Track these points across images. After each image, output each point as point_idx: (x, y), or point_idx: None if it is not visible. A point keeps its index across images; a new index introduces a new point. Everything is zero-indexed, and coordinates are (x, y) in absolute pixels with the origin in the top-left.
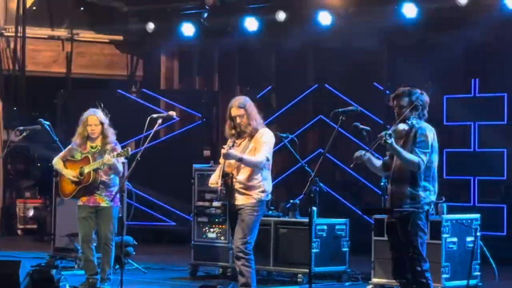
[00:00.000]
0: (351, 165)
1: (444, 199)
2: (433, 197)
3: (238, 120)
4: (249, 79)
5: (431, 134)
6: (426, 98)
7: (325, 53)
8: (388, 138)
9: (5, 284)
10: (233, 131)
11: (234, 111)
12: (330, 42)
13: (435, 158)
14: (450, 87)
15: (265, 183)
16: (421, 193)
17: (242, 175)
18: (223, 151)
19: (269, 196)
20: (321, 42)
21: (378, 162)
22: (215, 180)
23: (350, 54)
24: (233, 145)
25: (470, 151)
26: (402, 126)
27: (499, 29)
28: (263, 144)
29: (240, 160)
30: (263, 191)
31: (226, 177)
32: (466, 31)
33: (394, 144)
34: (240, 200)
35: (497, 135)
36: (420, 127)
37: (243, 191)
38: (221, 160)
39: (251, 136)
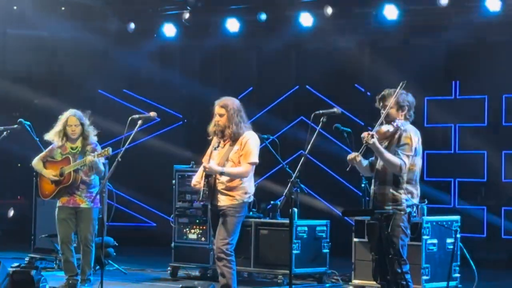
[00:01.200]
0: (347, 168)
1: (426, 201)
2: (415, 200)
3: (217, 118)
4: (230, 80)
5: (415, 137)
6: (411, 99)
7: (307, 54)
8: (370, 138)
9: None
10: (215, 128)
11: (216, 109)
12: (311, 43)
13: (419, 161)
14: (430, 89)
15: (247, 184)
16: (403, 195)
17: (224, 178)
18: (204, 164)
19: (252, 198)
20: (302, 44)
21: (365, 162)
22: (197, 180)
23: (331, 56)
24: (218, 146)
25: (451, 153)
26: (386, 128)
27: (480, 31)
28: (250, 151)
29: (222, 173)
30: (245, 193)
31: (209, 177)
32: (447, 33)
33: (377, 144)
34: (222, 201)
35: (478, 137)
36: (405, 129)
37: (226, 192)
38: (204, 160)
39: (233, 139)
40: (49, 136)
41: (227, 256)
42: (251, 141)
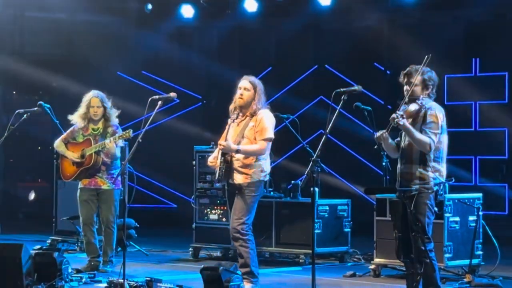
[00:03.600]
0: (375, 146)
1: (453, 179)
2: (442, 178)
3: (241, 91)
4: (249, 60)
5: (440, 114)
6: (435, 77)
7: (325, 33)
8: (401, 119)
9: (8, 267)
10: (235, 105)
11: (243, 83)
12: (330, 22)
13: (445, 138)
14: (450, 67)
15: (263, 162)
16: (431, 174)
17: (240, 155)
18: (220, 142)
19: (268, 177)
20: (321, 23)
21: (392, 143)
22: (213, 159)
23: (350, 35)
24: (233, 121)
25: (471, 131)
26: (413, 107)
27: (500, 7)
28: (266, 128)
29: (237, 152)
30: (261, 171)
31: (225, 155)
32: (466, 10)
33: (407, 124)
34: (238, 179)
35: (498, 114)
36: (430, 107)
37: (242, 169)
38: (221, 140)
39: (252, 115)
40: (74, 118)
41: (243, 236)
42: (266, 117)
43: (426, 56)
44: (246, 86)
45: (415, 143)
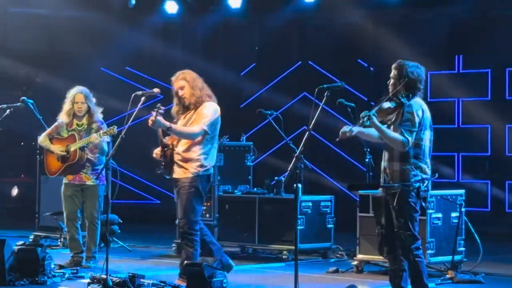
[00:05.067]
0: (337, 139)
1: (437, 175)
2: (425, 175)
3: (180, 93)
4: (233, 56)
5: (419, 111)
6: (421, 72)
7: (309, 30)
8: (366, 120)
9: None
10: (178, 108)
11: (176, 84)
12: (314, 19)
13: (426, 134)
14: (434, 63)
15: (204, 157)
16: (411, 170)
17: (181, 147)
18: (151, 118)
19: (210, 171)
20: (305, 19)
21: (372, 131)
22: (157, 152)
23: (334, 31)
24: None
25: (455, 127)
26: (387, 105)
27: (483, 4)
28: (203, 116)
29: (169, 129)
30: (201, 165)
31: (166, 148)
32: (449, 7)
33: (377, 123)
34: (177, 173)
35: (481, 111)
36: (408, 104)
37: (181, 163)
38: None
39: (196, 107)
40: (61, 116)
41: (188, 235)
42: (208, 108)
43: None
44: (179, 85)
45: (388, 141)
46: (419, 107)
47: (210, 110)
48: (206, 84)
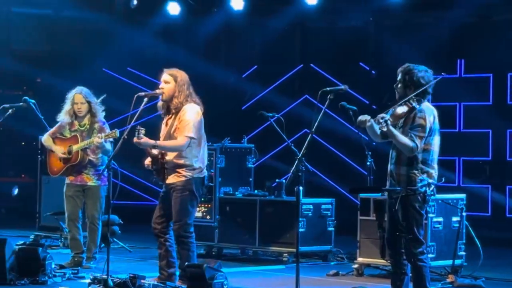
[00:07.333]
0: (355, 127)
1: (443, 179)
2: (432, 179)
3: (161, 85)
4: (235, 58)
5: (430, 117)
6: (430, 76)
7: (311, 33)
8: (384, 125)
9: None
10: (160, 103)
11: (164, 77)
12: (316, 22)
13: (436, 140)
14: (435, 68)
15: (195, 159)
16: (418, 175)
17: (169, 156)
18: (135, 139)
19: (204, 173)
20: (307, 22)
21: (378, 129)
22: (148, 161)
23: (336, 34)
24: (163, 120)
25: (456, 132)
26: (401, 109)
27: (485, 8)
28: (186, 124)
29: (154, 147)
30: (193, 169)
31: (155, 159)
32: (451, 11)
33: (391, 128)
34: (171, 178)
35: (483, 116)
36: (420, 109)
37: (174, 169)
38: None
39: (177, 112)
40: (61, 116)
41: (184, 239)
42: (189, 113)
43: (442, 74)
44: (166, 79)
45: (399, 146)
46: (431, 112)
47: (191, 114)
48: (194, 93)
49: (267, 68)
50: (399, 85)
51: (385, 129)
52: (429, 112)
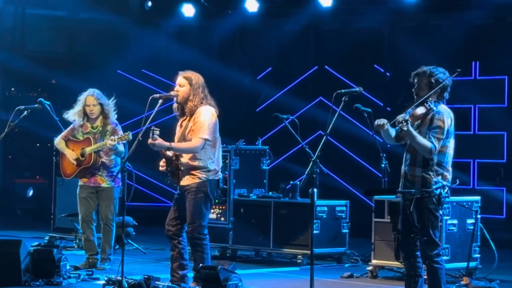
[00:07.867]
0: (372, 132)
1: (458, 181)
2: (447, 182)
3: (176, 88)
4: (249, 60)
5: (448, 119)
6: (447, 78)
7: (326, 35)
8: (405, 125)
9: (6, 263)
10: (175, 105)
11: (178, 79)
12: (330, 23)
13: (451, 143)
14: (450, 70)
15: (210, 162)
16: (433, 177)
17: (183, 158)
18: (149, 140)
19: (219, 175)
20: (321, 24)
21: (392, 132)
22: (163, 162)
23: (350, 36)
24: (179, 122)
25: (470, 134)
26: (420, 110)
27: (500, 11)
28: (201, 126)
29: (169, 149)
30: (208, 171)
31: (170, 161)
32: (466, 13)
33: (411, 129)
34: (186, 180)
35: (497, 118)
36: (438, 111)
37: (188, 171)
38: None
39: (191, 114)
40: (69, 116)
41: (198, 241)
42: (204, 115)
43: (458, 70)
44: (180, 82)
45: (417, 147)
46: (449, 115)
47: (206, 116)
48: (209, 95)
49: (281, 70)
50: (418, 87)
51: (405, 129)
52: (447, 115)
